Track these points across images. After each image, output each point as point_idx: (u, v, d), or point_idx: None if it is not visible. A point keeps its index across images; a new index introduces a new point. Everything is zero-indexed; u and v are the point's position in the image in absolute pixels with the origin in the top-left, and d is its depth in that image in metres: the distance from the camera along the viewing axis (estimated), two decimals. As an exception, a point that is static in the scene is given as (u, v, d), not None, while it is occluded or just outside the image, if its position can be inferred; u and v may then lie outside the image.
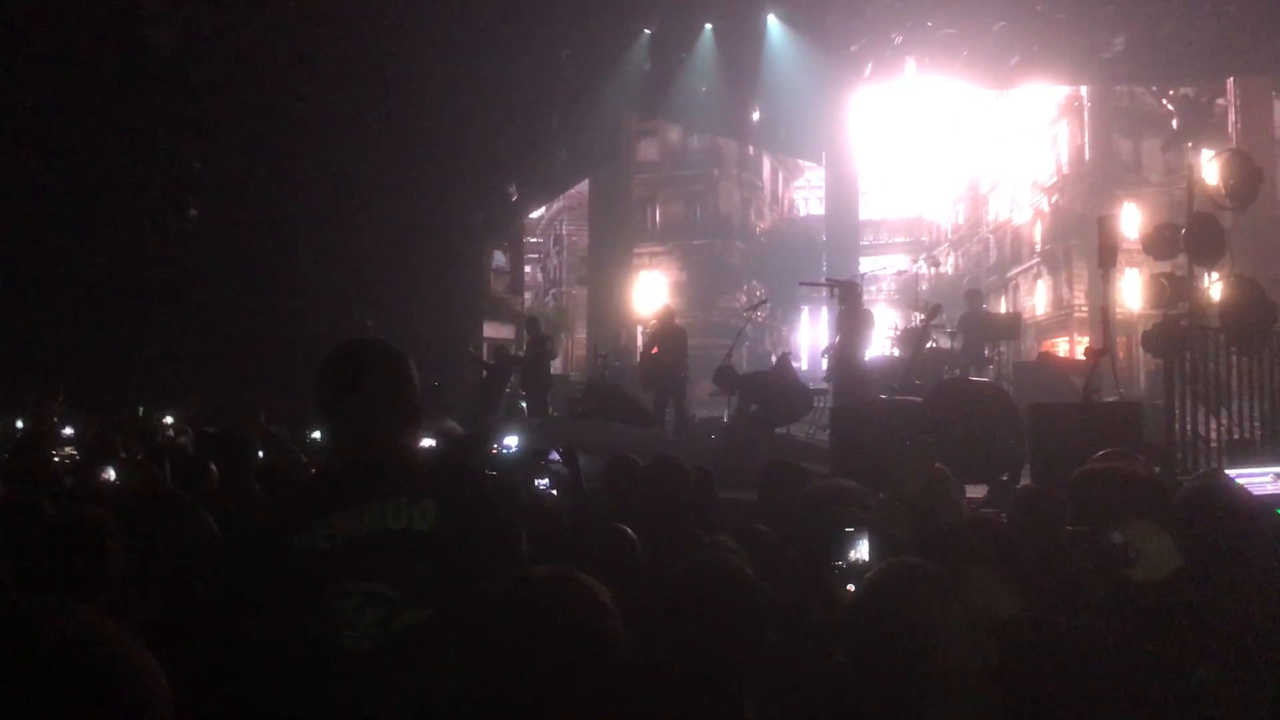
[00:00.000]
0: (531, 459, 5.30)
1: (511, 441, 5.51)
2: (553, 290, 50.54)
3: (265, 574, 2.31)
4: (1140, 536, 2.50)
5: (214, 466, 4.64)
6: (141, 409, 9.78)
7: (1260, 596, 2.52)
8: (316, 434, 6.98)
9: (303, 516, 2.26)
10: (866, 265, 23.33)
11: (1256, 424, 7.80)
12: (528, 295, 31.10)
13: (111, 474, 5.13)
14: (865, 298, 11.31)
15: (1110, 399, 9.02)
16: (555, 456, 5.02)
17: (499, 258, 21.85)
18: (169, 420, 9.29)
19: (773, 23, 16.40)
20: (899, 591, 1.95)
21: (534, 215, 25.50)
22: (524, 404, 14.58)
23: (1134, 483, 3.35)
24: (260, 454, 5.77)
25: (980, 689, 1.90)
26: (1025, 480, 6.71)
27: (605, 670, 1.68)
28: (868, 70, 16.99)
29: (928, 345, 12.63)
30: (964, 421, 6.37)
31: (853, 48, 16.52)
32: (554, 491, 4.97)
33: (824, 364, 12.13)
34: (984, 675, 1.91)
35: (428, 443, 5.44)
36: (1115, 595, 2.54)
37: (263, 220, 13.78)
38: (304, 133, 13.89)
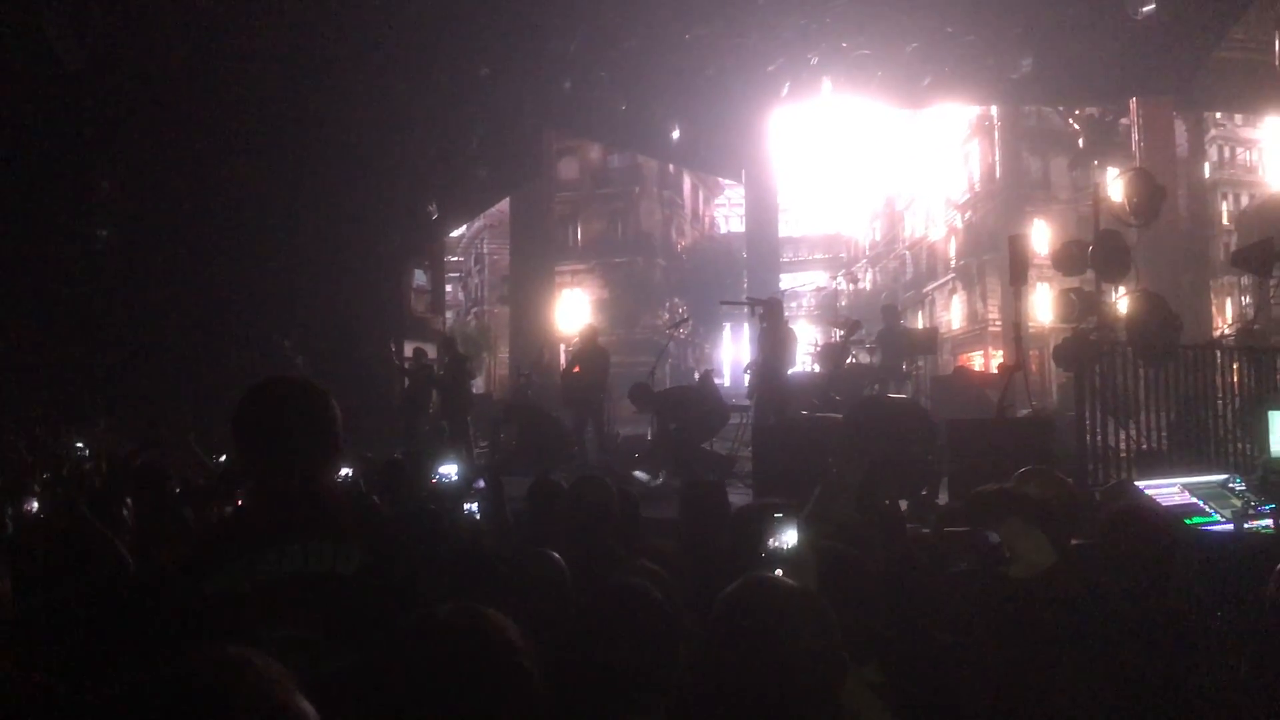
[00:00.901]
0: (465, 486, 5.25)
1: (450, 470, 5.43)
2: (474, 309, 50.31)
3: (179, 617, 2.23)
4: (1014, 535, 2.58)
5: (129, 500, 4.51)
6: (43, 431, 9.44)
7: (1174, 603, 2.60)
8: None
9: (220, 557, 2.20)
10: (787, 282, 23.61)
11: (1163, 435, 8.04)
12: (449, 314, 30.91)
13: (35, 505, 4.90)
14: (786, 314, 11.41)
15: (1024, 412, 9.23)
16: (481, 484, 4.97)
17: (420, 277, 21.64)
18: (80, 445, 8.98)
19: (691, 41, 16.54)
20: (754, 606, 1.98)
21: (455, 234, 25.30)
22: (445, 426, 14.41)
23: (1021, 501, 3.44)
24: (186, 483, 5.60)
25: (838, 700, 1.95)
26: (944, 496, 6.81)
27: (515, 710, 1.66)
28: (785, 90, 17.21)
29: (847, 361, 12.81)
30: (882, 438, 6.46)
31: (770, 68, 16.72)
32: (476, 516, 4.91)
33: (746, 380, 12.23)
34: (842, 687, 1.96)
35: (345, 471, 5.34)
36: (991, 592, 2.61)
37: (177, 240, 13.47)
38: (221, 151, 13.63)
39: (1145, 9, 13.57)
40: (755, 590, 2.05)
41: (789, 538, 2.54)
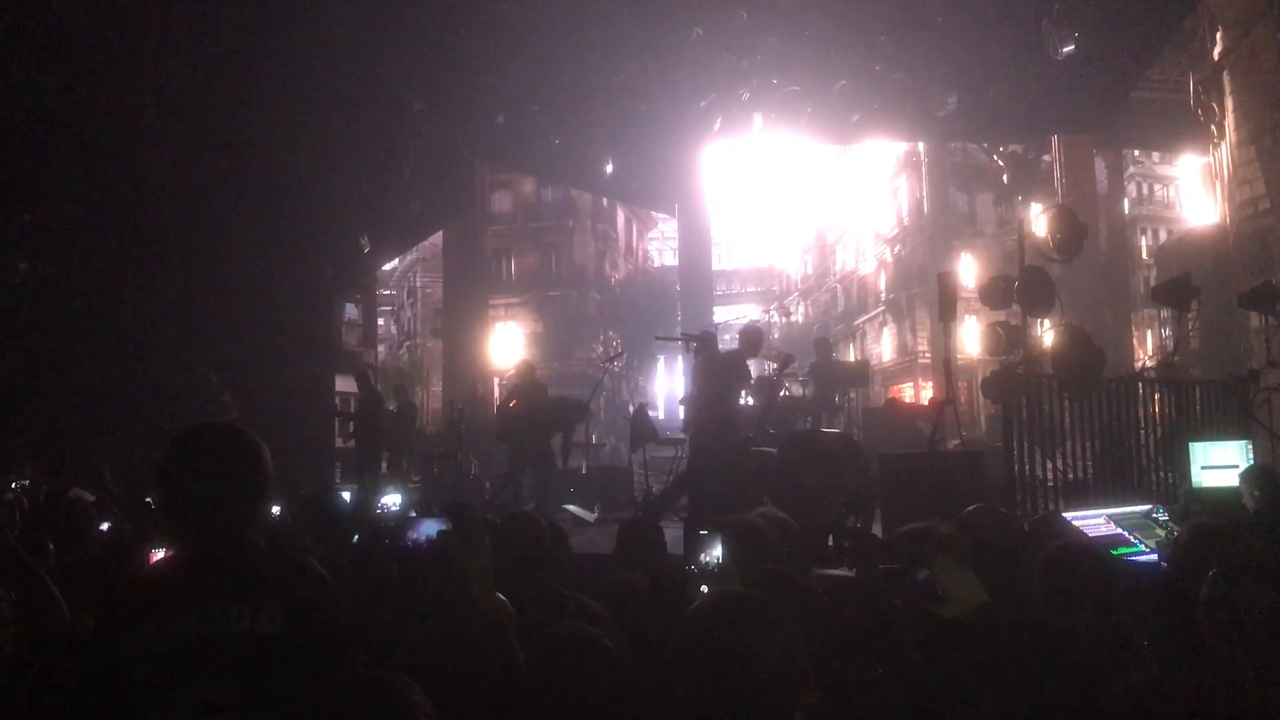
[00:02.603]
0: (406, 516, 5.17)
1: (393, 500, 5.36)
2: (406, 342, 49.89)
3: (92, 676, 2.15)
4: (945, 573, 2.59)
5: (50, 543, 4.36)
6: None
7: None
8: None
9: (136, 615, 2.10)
10: (721, 315, 23.73)
11: (1089, 465, 8.20)
12: (381, 348, 30.62)
13: None
14: (690, 347, 11.46)
15: (954, 443, 9.35)
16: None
17: (351, 310, 21.45)
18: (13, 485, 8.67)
19: (624, 77, 16.66)
20: (724, 618, 1.99)
21: (387, 267, 25.10)
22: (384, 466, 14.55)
23: (947, 540, 3.49)
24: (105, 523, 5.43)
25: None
26: (876, 527, 6.86)
27: None
28: (718, 125, 17.39)
29: (780, 394, 12.90)
30: (815, 471, 6.50)
31: (702, 103, 16.89)
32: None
33: (681, 414, 12.24)
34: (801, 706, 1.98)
35: (274, 509, 5.22)
36: (925, 631, 2.62)
37: (102, 273, 13.15)
38: (146, 182, 13.38)
39: (1065, 50, 13.94)
40: (723, 604, 2.07)
41: (715, 553, 2.55)
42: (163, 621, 2.06)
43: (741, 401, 12.78)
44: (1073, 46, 13.79)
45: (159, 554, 4.78)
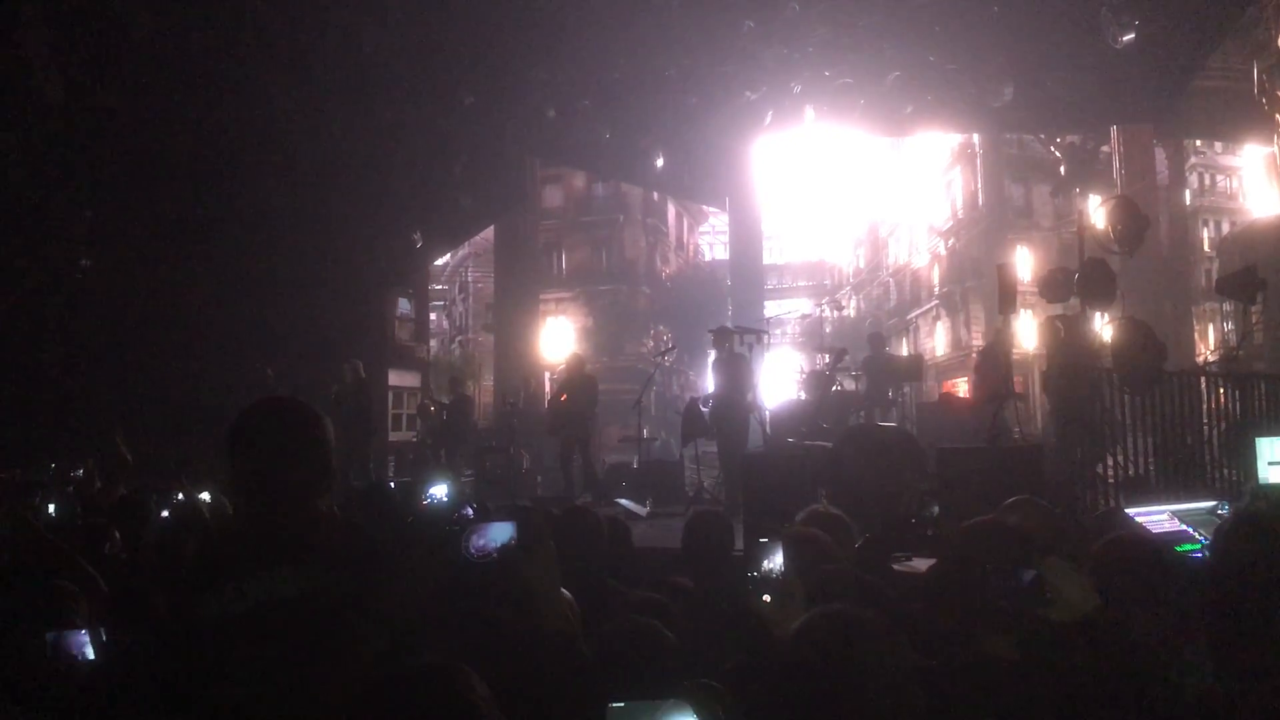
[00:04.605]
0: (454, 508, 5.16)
1: (440, 491, 5.33)
2: (458, 337, 50.21)
3: (174, 638, 2.26)
4: (1055, 574, 2.51)
5: (116, 533, 4.47)
6: (54, 466, 9.30)
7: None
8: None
9: (213, 578, 2.20)
10: (771, 309, 23.58)
11: (1150, 461, 8.03)
12: (433, 342, 30.82)
13: None
14: (770, 340, 11.46)
15: (1014, 432, 9.21)
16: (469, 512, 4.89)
17: (403, 305, 21.60)
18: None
19: (675, 70, 16.61)
20: (833, 638, 1.92)
21: (439, 262, 25.23)
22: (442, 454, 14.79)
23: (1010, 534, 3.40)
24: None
25: None
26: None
27: None
28: (769, 118, 17.27)
29: (832, 388, 12.80)
30: (872, 465, 6.43)
31: (753, 96, 16.77)
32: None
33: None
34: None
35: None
36: (1032, 635, 2.54)
37: (159, 269, 13.37)
38: (203, 181, 13.57)
39: (1125, 38, 13.66)
40: (830, 624, 1.97)
41: (776, 561, 2.50)
42: (239, 584, 2.15)
43: (792, 396, 12.75)
44: (1133, 35, 13.50)
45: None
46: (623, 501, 10.99)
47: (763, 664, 2.12)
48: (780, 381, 13.94)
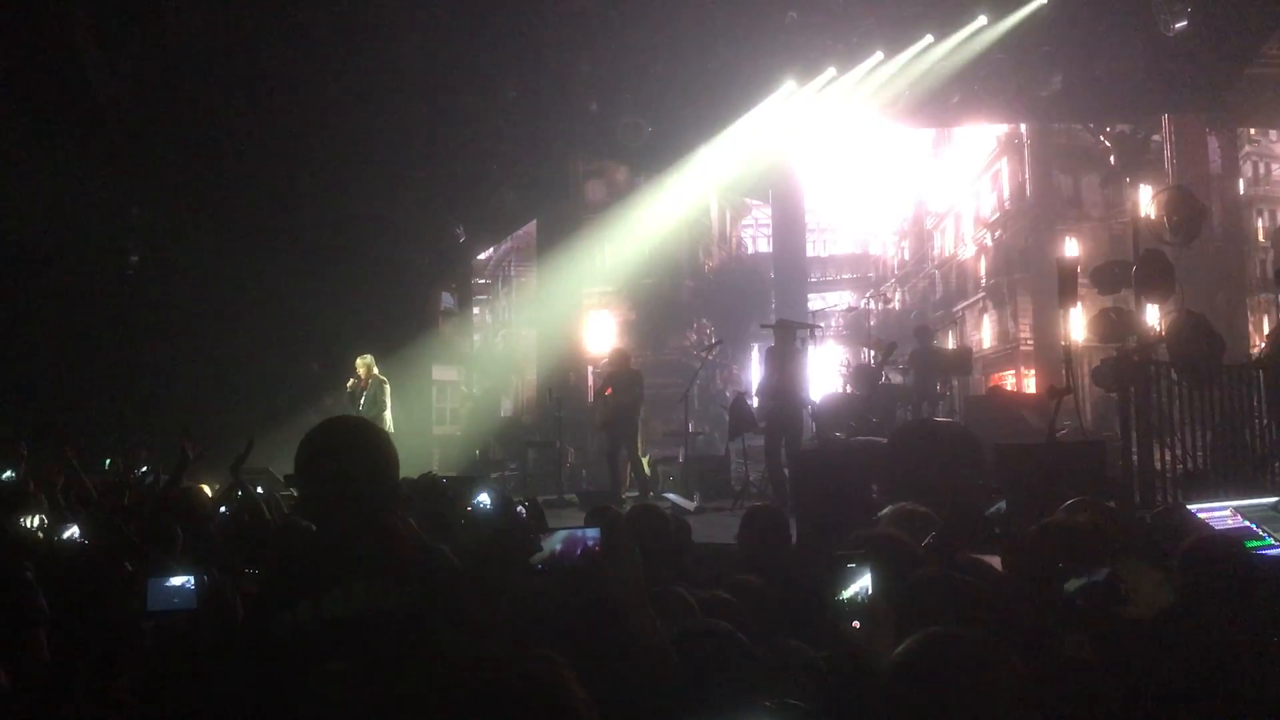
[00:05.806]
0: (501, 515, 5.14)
1: (485, 498, 5.29)
2: (501, 331, 50.30)
3: (250, 650, 2.30)
4: (1132, 573, 2.46)
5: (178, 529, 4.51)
6: (108, 461, 9.41)
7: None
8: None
9: (290, 593, 2.25)
10: (815, 302, 23.46)
11: (1205, 456, 7.88)
12: (476, 336, 30.89)
13: (75, 532, 4.84)
14: (816, 334, 11.35)
15: (1068, 425, 9.06)
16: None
17: (447, 299, 21.67)
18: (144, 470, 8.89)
19: (719, 61, 16.50)
20: (941, 669, 1.79)
21: (482, 256, 25.32)
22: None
23: (1084, 533, 3.33)
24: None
25: None
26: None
27: None
28: (809, 110, 17.15)
29: (880, 382, 12.68)
30: (929, 461, 6.34)
31: (796, 86, 16.66)
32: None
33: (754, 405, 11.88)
34: None
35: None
36: (1109, 633, 2.48)
37: (207, 266, 13.51)
38: (247, 175, 13.70)
39: (1177, 25, 13.43)
40: (934, 652, 1.82)
41: (864, 585, 2.35)
42: (314, 600, 2.21)
43: (842, 389, 12.66)
44: (1185, 22, 13.29)
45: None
46: (670, 496, 10.97)
47: (862, 696, 2.04)
48: (825, 375, 13.85)
